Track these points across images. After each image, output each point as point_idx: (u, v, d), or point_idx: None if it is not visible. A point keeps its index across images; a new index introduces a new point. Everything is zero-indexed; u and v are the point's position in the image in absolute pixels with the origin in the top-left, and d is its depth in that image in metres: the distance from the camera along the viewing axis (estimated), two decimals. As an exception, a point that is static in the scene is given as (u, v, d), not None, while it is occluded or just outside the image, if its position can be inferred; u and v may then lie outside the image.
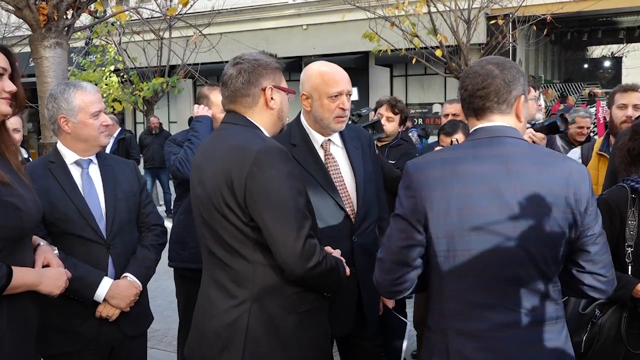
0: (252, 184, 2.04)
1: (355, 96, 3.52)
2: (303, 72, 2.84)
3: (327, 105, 2.74)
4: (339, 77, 2.77)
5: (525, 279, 1.86)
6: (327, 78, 2.75)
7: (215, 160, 2.15)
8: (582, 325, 2.63)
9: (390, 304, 2.99)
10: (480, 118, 1.96)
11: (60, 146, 2.79)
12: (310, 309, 2.21)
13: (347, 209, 2.76)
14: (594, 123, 9.82)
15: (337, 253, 2.33)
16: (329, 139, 2.86)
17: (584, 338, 2.60)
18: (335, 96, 2.74)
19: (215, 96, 3.67)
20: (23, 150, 3.89)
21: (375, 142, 3.32)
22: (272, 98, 2.24)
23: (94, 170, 2.82)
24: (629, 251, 2.57)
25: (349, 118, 3.76)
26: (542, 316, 1.88)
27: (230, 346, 2.13)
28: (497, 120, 1.94)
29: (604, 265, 1.94)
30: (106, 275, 2.71)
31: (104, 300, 2.68)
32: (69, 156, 2.77)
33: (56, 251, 2.39)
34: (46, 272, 2.23)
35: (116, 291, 2.69)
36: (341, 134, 2.91)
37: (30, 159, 3.92)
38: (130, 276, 2.77)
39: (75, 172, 2.77)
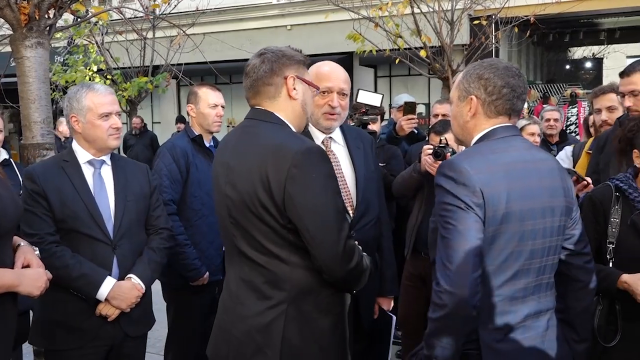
0: (291, 187, 1.99)
1: (377, 102, 3.52)
2: None
3: (317, 101, 2.76)
4: (332, 74, 2.81)
5: (551, 268, 2.02)
6: (320, 75, 2.79)
7: (249, 160, 2.09)
8: None
9: (387, 305, 3.01)
10: (512, 118, 2.06)
11: (75, 145, 2.83)
12: (341, 309, 2.20)
13: (347, 204, 2.75)
14: (575, 123, 9.92)
15: None
16: (330, 137, 2.87)
17: None
18: (324, 92, 2.75)
19: (203, 92, 3.69)
20: (4, 151, 3.86)
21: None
22: (294, 88, 2.19)
23: (107, 171, 2.85)
24: (610, 248, 2.61)
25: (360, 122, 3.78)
26: (552, 304, 2.06)
27: (266, 349, 2.08)
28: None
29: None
30: (110, 275, 2.72)
31: (106, 299, 2.68)
32: (82, 155, 2.81)
33: (37, 252, 2.38)
34: (25, 273, 2.22)
35: (118, 292, 2.70)
36: (343, 133, 2.93)
37: (11, 160, 3.88)
38: (134, 278, 2.78)
39: (88, 172, 2.80)
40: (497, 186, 1.87)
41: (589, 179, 3.07)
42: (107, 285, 2.68)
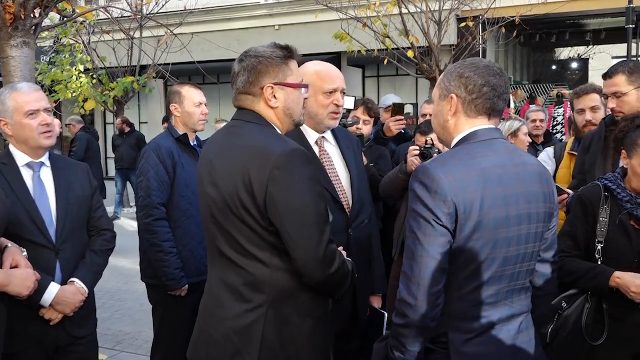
0: (273, 188, 1.97)
1: (350, 105, 3.54)
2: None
3: (322, 101, 2.78)
4: (334, 74, 2.85)
5: (526, 273, 1.99)
6: (323, 75, 2.81)
7: (232, 160, 2.07)
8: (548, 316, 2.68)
9: (377, 302, 3.02)
10: (492, 119, 2.02)
11: (11, 148, 2.75)
12: (323, 313, 2.18)
13: (343, 203, 2.78)
14: (561, 123, 9.98)
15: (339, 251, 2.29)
16: (323, 137, 2.88)
17: (550, 329, 2.65)
18: (330, 92, 2.79)
19: (187, 91, 3.66)
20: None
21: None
22: (274, 96, 2.15)
23: (46, 173, 2.78)
24: (599, 247, 2.64)
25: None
26: (527, 307, 2.03)
27: (244, 351, 2.06)
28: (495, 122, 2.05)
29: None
30: (53, 279, 2.68)
31: (50, 305, 2.65)
32: (20, 158, 2.73)
33: (25, 253, 2.37)
34: (14, 273, 2.21)
35: (62, 297, 2.66)
36: (334, 133, 2.95)
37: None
38: (77, 281, 2.74)
39: (27, 175, 2.73)
40: (471, 193, 1.84)
41: (569, 191, 3.10)
42: (51, 291, 2.63)
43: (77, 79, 12.58)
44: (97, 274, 2.88)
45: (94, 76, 12.73)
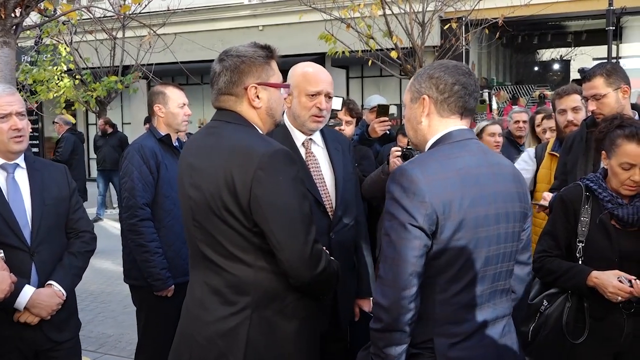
0: (258, 189, 1.94)
1: (338, 105, 3.53)
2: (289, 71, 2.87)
3: (305, 103, 2.77)
4: (320, 77, 2.81)
5: (507, 274, 2.00)
6: (309, 77, 2.80)
7: (213, 161, 2.04)
8: (530, 315, 2.70)
9: (368, 305, 3.00)
10: (464, 118, 2.02)
11: None
12: (309, 314, 2.16)
13: (326, 206, 2.76)
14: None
15: None
16: (311, 138, 2.87)
17: (531, 328, 2.68)
18: (313, 95, 2.77)
19: (171, 91, 3.64)
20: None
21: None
22: (257, 97, 2.13)
23: (21, 175, 2.73)
24: (580, 246, 2.66)
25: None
26: (509, 310, 2.04)
27: (229, 354, 2.04)
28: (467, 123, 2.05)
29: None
30: (29, 283, 2.63)
31: (25, 308, 2.60)
32: None
33: (2, 254, 2.33)
34: None
35: (37, 300, 2.62)
36: (323, 135, 2.94)
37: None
38: (54, 284, 2.70)
39: (1, 177, 2.68)
40: (450, 194, 1.84)
41: (545, 204, 3.15)
42: (25, 294, 2.58)
43: (59, 79, 12.47)
44: (76, 276, 2.83)
45: (77, 77, 12.62)
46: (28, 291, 2.60)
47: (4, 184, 2.68)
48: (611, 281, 2.50)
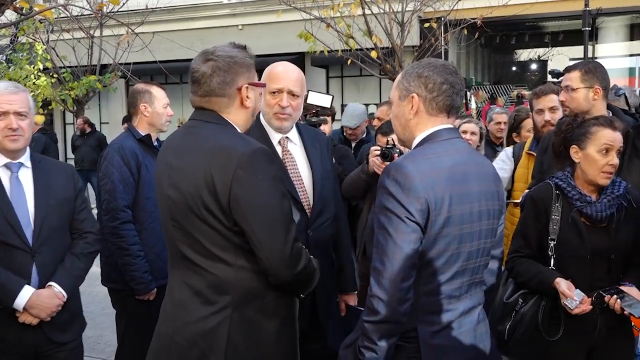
0: (238, 188, 1.95)
1: (327, 103, 3.53)
2: None
3: (268, 101, 2.79)
4: (283, 75, 2.81)
5: (483, 267, 2.10)
6: (272, 74, 2.81)
7: (192, 161, 2.04)
8: (505, 313, 2.75)
9: (353, 300, 3.02)
10: (451, 116, 2.09)
11: None
12: (289, 313, 2.18)
13: (304, 203, 2.77)
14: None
15: None
16: (287, 137, 2.87)
17: (507, 326, 2.71)
18: (274, 92, 2.77)
19: (156, 91, 3.59)
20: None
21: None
22: (247, 97, 2.15)
23: (26, 175, 2.71)
24: (552, 244, 2.70)
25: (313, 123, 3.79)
26: (482, 299, 2.15)
27: (210, 354, 2.04)
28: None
29: None
30: (29, 283, 2.61)
31: (24, 309, 2.59)
32: None
33: None
34: None
35: (37, 301, 2.60)
36: (300, 133, 2.94)
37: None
38: (55, 285, 2.68)
39: (4, 176, 2.66)
40: (441, 191, 1.91)
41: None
42: (25, 295, 2.57)
43: (36, 78, 12.30)
44: (78, 277, 2.81)
45: (54, 75, 12.46)
46: (27, 292, 2.58)
47: (7, 183, 2.65)
48: (564, 293, 2.57)
